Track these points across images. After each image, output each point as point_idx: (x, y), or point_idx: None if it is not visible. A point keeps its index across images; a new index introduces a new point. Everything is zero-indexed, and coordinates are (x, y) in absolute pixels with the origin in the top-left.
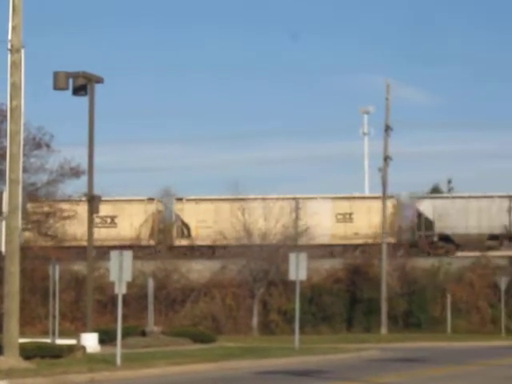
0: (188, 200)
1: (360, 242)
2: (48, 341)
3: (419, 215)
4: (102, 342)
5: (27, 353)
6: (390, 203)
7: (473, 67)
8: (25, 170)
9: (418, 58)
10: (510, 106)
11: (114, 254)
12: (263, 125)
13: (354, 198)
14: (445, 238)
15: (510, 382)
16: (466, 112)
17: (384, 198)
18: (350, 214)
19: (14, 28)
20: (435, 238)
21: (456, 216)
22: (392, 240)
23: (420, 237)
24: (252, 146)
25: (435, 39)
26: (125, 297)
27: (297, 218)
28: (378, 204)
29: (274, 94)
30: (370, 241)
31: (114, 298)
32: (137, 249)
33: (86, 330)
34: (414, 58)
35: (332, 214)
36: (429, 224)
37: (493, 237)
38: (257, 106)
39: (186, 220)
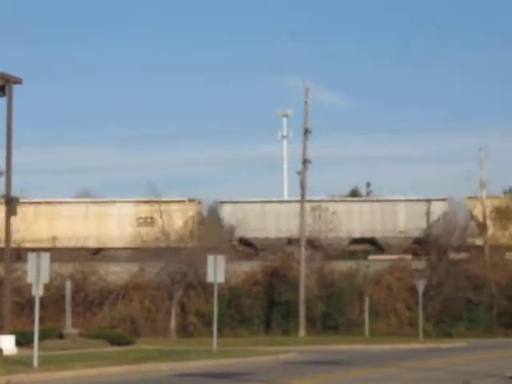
0: None
1: (162, 245)
2: None
3: (222, 219)
4: (19, 344)
5: None
6: (192, 207)
7: (393, 70)
8: None
9: (337, 61)
10: (432, 109)
11: (31, 255)
12: (182, 127)
13: (155, 201)
14: (245, 242)
15: None
16: (385, 115)
17: (303, 201)
18: (152, 218)
19: None
20: (235, 242)
21: (255, 220)
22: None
23: (222, 241)
24: (172, 148)
25: (355, 41)
26: (42, 299)
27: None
28: (179, 208)
29: (197, 96)
30: (173, 244)
31: (31, 300)
32: None
33: (2, 332)
34: (333, 61)
35: (133, 217)
36: (230, 228)
37: (291, 241)
38: (178, 107)
39: None
